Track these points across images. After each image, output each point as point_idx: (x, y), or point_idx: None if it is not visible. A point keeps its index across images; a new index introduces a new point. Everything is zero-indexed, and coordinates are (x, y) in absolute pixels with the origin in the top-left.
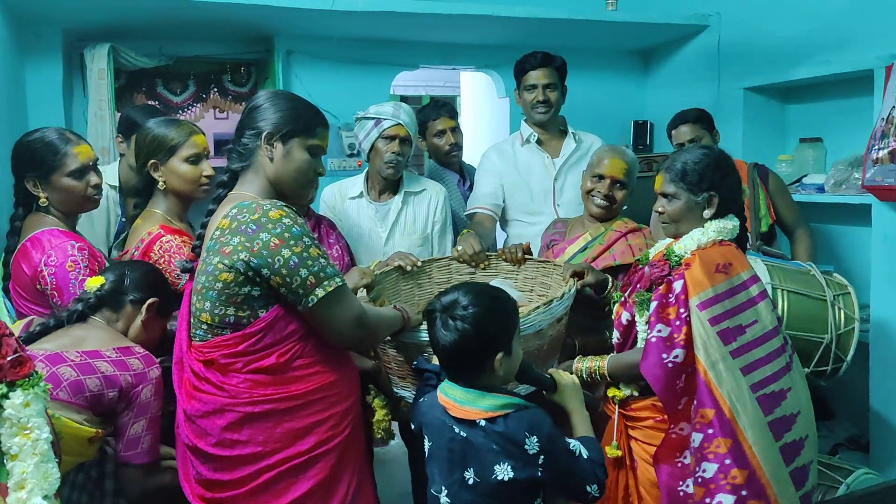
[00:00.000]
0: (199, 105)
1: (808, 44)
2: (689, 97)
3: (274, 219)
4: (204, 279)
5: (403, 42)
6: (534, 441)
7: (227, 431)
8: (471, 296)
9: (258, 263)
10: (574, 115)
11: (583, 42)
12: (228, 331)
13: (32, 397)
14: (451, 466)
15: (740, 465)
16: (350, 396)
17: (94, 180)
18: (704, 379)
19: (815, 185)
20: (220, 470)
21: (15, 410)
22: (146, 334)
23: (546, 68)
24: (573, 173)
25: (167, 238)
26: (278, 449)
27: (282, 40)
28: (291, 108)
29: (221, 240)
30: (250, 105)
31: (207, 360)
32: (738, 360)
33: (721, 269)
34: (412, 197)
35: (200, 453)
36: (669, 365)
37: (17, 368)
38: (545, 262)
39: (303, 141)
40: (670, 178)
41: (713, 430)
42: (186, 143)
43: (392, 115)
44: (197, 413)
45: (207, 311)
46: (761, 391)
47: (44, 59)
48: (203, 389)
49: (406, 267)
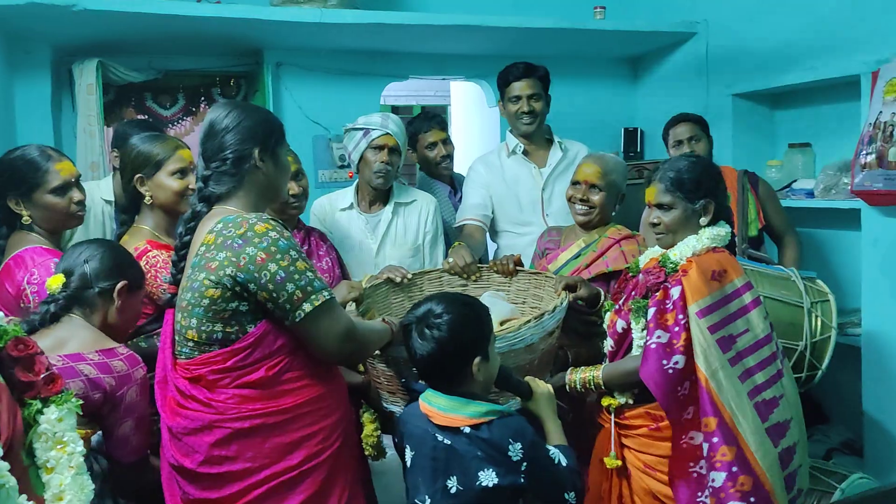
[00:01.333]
0: (188, 119)
1: (796, 50)
2: (679, 104)
3: (260, 233)
4: (189, 296)
5: (393, 53)
6: (517, 448)
7: (215, 448)
8: (443, 304)
9: (245, 278)
10: (564, 123)
11: (572, 50)
12: (216, 347)
13: (66, 412)
14: (435, 475)
15: (746, 472)
16: (338, 409)
17: (77, 196)
18: (706, 387)
19: (804, 190)
20: (208, 488)
21: (50, 425)
22: (126, 315)
23: (529, 79)
24: (560, 182)
25: (154, 253)
26: (267, 464)
27: (271, 53)
28: (260, 118)
29: (207, 255)
30: (215, 128)
31: (194, 378)
32: (735, 367)
33: (716, 277)
34: (402, 208)
35: (187, 472)
36: (670, 371)
37: (49, 385)
38: (537, 273)
39: (283, 149)
40: (665, 187)
41: (717, 438)
42: (172, 157)
43: (380, 125)
44: (183, 431)
45: (194, 328)
46: (757, 398)
47: (32, 75)
48: (189, 407)
49: (396, 279)
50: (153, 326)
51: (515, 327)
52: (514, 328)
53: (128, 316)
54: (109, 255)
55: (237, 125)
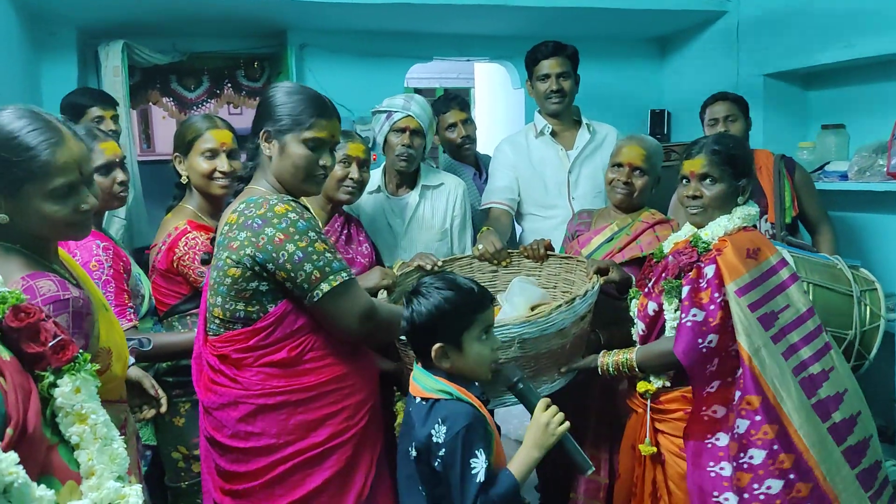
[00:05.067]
0: (213, 101)
1: (831, 27)
2: (708, 84)
3: (279, 213)
4: (215, 274)
5: (417, 34)
6: (441, 431)
7: (241, 423)
8: (430, 286)
9: (263, 258)
10: (590, 104)
11: (598, 30)
12: (239, 325)
13: (81, 382)
14: (402, 439)
15: (787, 450)
16: (364, 389)
17: (121, 177)
18: (749, 366)
19: (837, 172)
20: (236, 462)
21: (67, 399)
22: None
23: (558, 57)
24: (588, 165)
25: (193, 235)
26: (292, 441)
27: (295, 34)
28: (285, 102)
29: (229, 235)
30: (259, 101)
31: (221, 355)
32: (779, 345)
33: (751, 255)
34: (430, 191)
35: (218, 445)
36: (704, 350)
37: (59, 354)
38: (568, 257)
39: (296, 136)
40: (717, 160)
41: (760, 416)
42: (203, 137)
43: (402, 108)
44: (213, 405)
45: (219, 305)
46: (803, 374)
47: (59, 57)
48: (219, 382)
49: (426, 267)
50: (187, 306)
51: (547, 312)
52: (545, 313)
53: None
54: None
55: (264, 103)
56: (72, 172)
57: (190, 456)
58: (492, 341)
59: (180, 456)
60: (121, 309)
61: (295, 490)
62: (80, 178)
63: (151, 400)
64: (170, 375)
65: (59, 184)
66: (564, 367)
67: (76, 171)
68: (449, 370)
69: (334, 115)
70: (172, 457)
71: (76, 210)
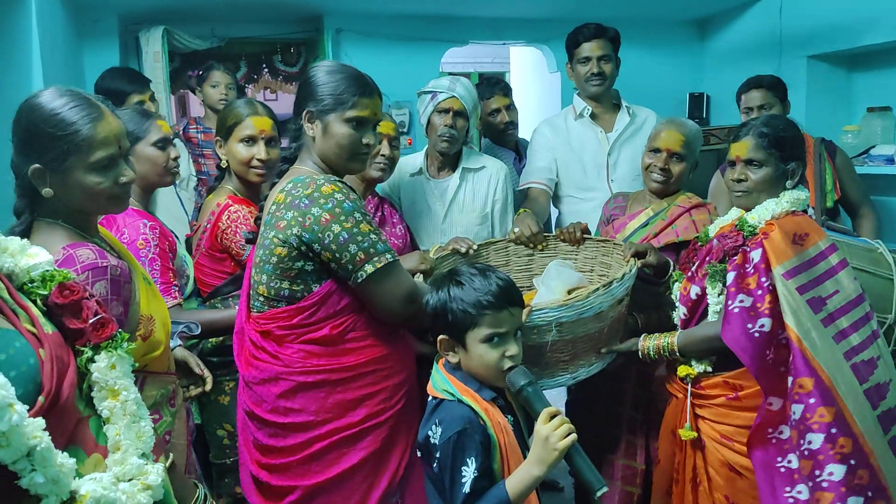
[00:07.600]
0: (250, 86)
1: (877, 8)
2: (749, 67)
3: (326, 194)
4: (262, 252)
5: (453, 18)
6: (437, 433)
7: (280, 399)
8: (452, 277)
9: (309, 238)
10: (628, 88)
11: (636, 13)
12: (283, 303)
13: (117, 359)
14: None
15: (845, 434)
16: (403, 371)
17: (175, 153)
18: (799, 347)
19: (883, 156)
20: (274, 436)
21: (102, 374)
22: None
23: (600, 39)
24: (627, 148)
25: (235, 208)
26: (329, 419)
27: (331, 19)
28: (327, 82)
29: (277, 214)
30: (300, 81)
31: (264, 332)
32: (829, 328)
33: (798, 240)
34: (471, 174)
35: (257, 419)
36: (756, 335)
37: (99, 331)
38: (605, 241)
39: (339, 115)
40: (763, 144)
41: (814, 399)
42: (242, 123)
43: (447, 88)
44: (254, 380)
45: (264, 283)
46: (854, 359)
47: (101, 44)
48: (260, 358)
49: (462, 250)
50: (229, 289)
51: (584, 295)
52: (582, 296)
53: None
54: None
55: (305, 83)
56: (112, 146)
57: (234, 433)
58: (504, 347)
59: (225, 433)
60: (166, 287)
61: (330, 468)
62: (119, 152)
63: (197, 379)
64: (214, 355)
65: (100, 156)
66: (605, 349)
67: (115, 145)
68: (458, 366)
69: (376, 93)
70: (217, 434)
71: (116, 182)
